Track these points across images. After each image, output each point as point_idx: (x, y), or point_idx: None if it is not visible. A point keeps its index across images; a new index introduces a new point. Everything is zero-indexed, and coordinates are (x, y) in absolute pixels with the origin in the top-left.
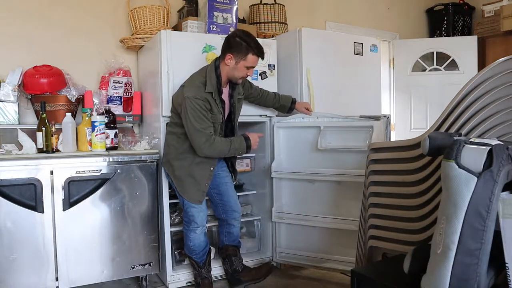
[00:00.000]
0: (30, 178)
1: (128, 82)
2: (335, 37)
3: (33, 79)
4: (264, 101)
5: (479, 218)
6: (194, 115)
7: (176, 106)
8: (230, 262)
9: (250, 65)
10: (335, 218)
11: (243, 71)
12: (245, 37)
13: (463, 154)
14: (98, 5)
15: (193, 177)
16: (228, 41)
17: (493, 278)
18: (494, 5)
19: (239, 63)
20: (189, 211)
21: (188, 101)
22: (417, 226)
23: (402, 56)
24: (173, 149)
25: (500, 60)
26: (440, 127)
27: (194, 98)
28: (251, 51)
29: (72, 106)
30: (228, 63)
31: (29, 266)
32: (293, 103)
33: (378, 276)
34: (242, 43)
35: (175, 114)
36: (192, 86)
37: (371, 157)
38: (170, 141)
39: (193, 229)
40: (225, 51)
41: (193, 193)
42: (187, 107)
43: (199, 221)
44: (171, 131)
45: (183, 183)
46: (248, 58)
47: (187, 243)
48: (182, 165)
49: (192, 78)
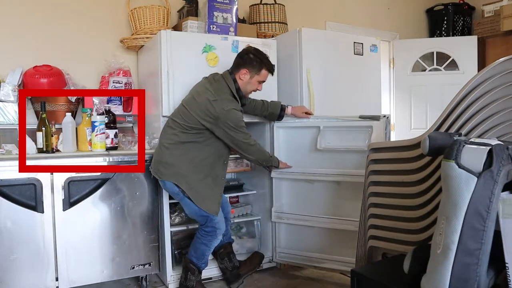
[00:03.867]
0: (30, 178)
1: (128, 82)
2: (335, 37)
3: (33, 79)
4: (253, 109)
5: (479, 218)
6: (239, 125)
7: (203, 116)
8: (229, 259)
9: (262, 80)
10: (335, 218)
11: (255, 85)
12: (258, 54)
13: (463, 154)
14: (98, 5)
15: (210, 188)
16: (242, 57)
17: (493, 278)
18: (494, 5)
19: (253, 78)
20: (214, 219)
21: (231, 114)
22: (417, 226)
23: (402, 56)
24: (185, 160)
25: (500, 60)
26: (440, 127)
27: (235, 111)
28: (264, 66)
29: (72, 106)
30: (242, 78)
31: (29, 266)
32: (282, 110)
33: (378, 276)
34: (256, 59)
35: (190, 122)
36: (227, 100)
37: (371, 157)
38: (178, 152)
39: (217, 236)
40: (239, 66)
41: (213, 204)
42: (231, 119)
43: (222, 226)
44: (182, 141)
45: (202, 194)
46: (261, 73)
47: (202, 252)
48: (198, 176)
49: (220, 91)
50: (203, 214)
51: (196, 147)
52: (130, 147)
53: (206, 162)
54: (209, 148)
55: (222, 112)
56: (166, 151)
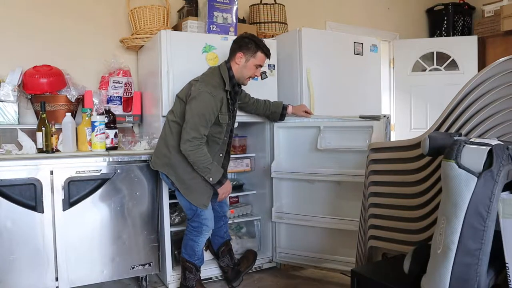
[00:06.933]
0: (30, 178)
1: (128, 82)
2: (335, 37)
3: (33, 79)
4: (256, 109)
5: (479, 218)
6: (202, 110)
7: (182, 98)
8: (230, 256)
9: (259, 63)
10: (335, 218)
11: (252, 70)
12: (253, 37)
13: (463, 154)
14: (98, 5)
15: (200, 180)
16: (237, 41)
17: (493, 278)
18: (494, 5)
19: (249, 61)
20: (202, 215)
21: (204, 95)
22: (417, 226)
23: (402, 56)
24: (175, 151)
25: (500, 60)
26: (440, 127)
27: (211, 95)
28: (260, 49)
29: (72, 106)
30: (238, 62)
31: (29, 266)
32: (284, 109)
33: (378, 276)
34: (251, 42)
35: (180, 112)
36: (209, 84)
37: (371, 157)
38: (171, 142)
39: (204, 233)
40: (235, 51)
41: (200, 197)
42: (200, 99)
43: (210, 224)
44: (176, 132)
45: (190, 186)
46: (257, 55)
47: (191, 248)
48: (187, 168)
49: (206, 77)
50: (192, 207)
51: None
52: (130, 147)
53: None
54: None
55: (196, 91)
56: (161, 141)
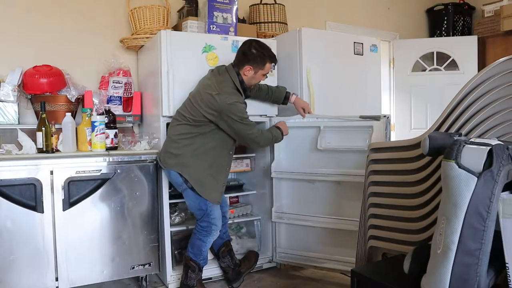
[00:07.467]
0: (30, 178)
1: (128, 82)
2: (335, 37)
3: (33, 79)
4: (257, 95)
5: (479, 218)
6: (242, 117)
7: (207, 109)
8: (231, 256)
9: (266, 73)
10: (335, 218)
11: (259, 78)
12: (260, 49)
13: (463, 154)
14: (98, 5)
15: (213, 177)
16: (245, 54)
17: (493, 278)
18: (494, 5)
19: (258, 73)
20: (211, 214)
21: (234, 107)
22: (417, 226)
23: (402, 56)
24: (189, 150)
25: (500, 60)
26: (440, 127)
27: (238, 104)
28: (267, 60)
29: (72, 106)
30: (247, 74)
31: (29, 266)
32: (286, 99)
33: (378, 276)
34: (259, 55)
35: (193, 115)
36: (229, 94)
37: (371, 157)
38: (183, 143)
39: (213, 233)
40: (243, 63)
41: (214, 193)
42: (234, 112)
43: (219, 223)
44: (188, 132)
45: (204, 183)
46: (266, 67)
47: (198, 247)
48: (202, 166)
49: (225, 88)
50: (202, 207)
51: (201, 138)
52: (130, 147)
53: (210, 151)
54: (214, 138)
55: (225, 105)
56: (173, 143)
